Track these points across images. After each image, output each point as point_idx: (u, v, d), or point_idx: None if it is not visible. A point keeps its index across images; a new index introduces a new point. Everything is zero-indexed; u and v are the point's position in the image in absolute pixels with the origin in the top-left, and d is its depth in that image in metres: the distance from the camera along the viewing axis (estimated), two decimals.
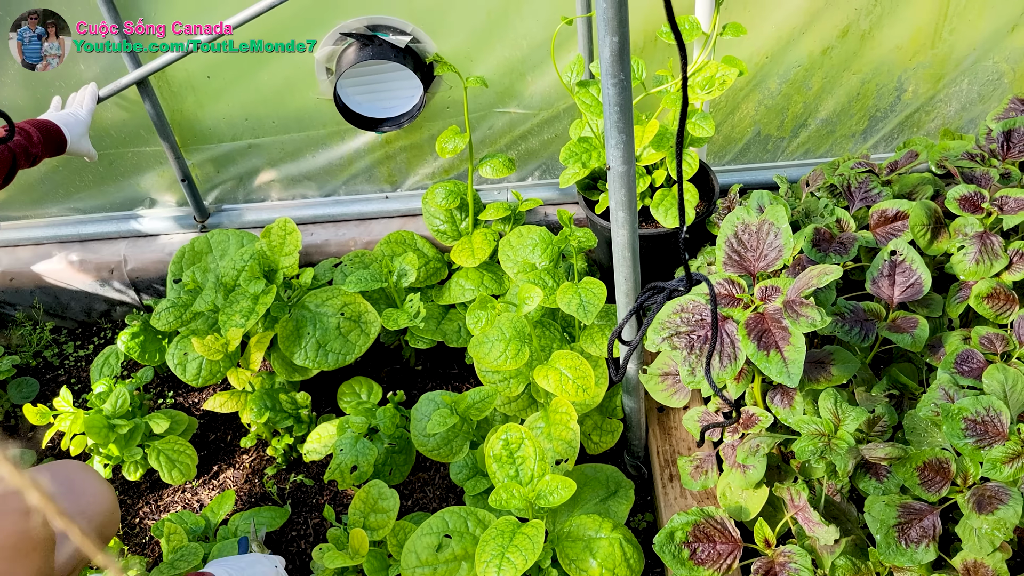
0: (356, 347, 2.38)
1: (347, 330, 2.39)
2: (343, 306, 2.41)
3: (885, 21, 2.50)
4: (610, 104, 1.58)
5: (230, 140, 2.73)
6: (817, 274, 1.71)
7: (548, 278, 2.25)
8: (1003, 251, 1.98)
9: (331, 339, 2.36)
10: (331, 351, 2.36)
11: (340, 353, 2.36)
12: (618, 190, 1.71)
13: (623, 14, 1.45)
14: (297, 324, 2.39)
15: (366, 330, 2.40)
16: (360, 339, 2.39)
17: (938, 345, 1.96)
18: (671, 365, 2.10)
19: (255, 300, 2.29)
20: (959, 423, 1.63)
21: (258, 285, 2.31)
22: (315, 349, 2.36)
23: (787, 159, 2.86)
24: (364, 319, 2.41)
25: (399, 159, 2.83)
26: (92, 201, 2.91)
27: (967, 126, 2.78)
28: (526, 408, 2.27)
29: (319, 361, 2.35)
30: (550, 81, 2.59)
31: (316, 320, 2.39)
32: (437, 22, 2.45)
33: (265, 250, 2.44)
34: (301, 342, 2.36)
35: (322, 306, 2.41)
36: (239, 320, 2.26)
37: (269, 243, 2.46)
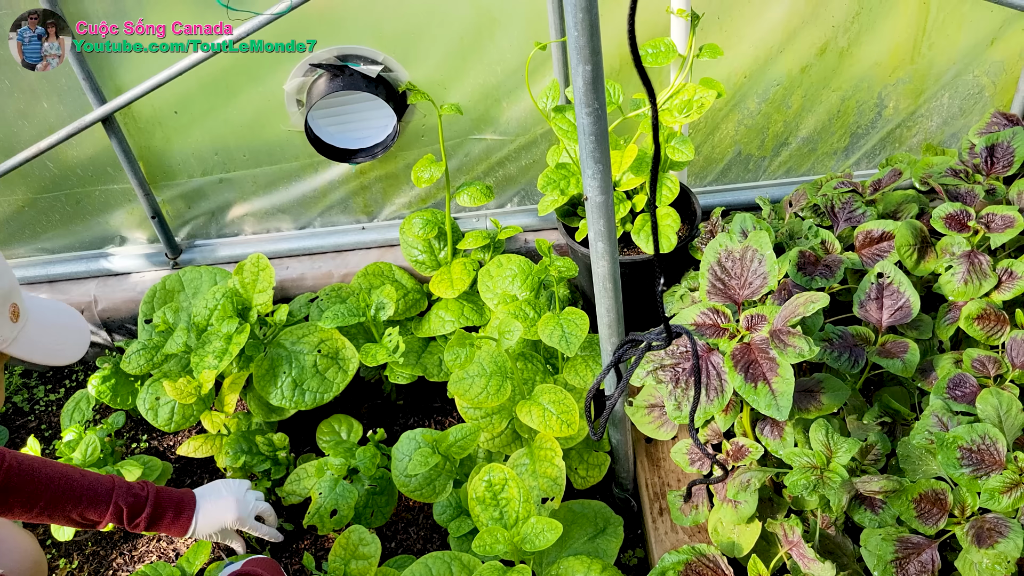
0: (334, 385, 2.31)
1: (324, 368, 2.32)
2: (320, 343, 2.34)
3: (863, 38, 2.47)
4: (585, 134, 1.53)
5: (200, 175, 2.67)
6: (803, 302, 1.66)
7: (529, 309, 2.19)
8: (991, 270, 1.93)
9: (308, 377, 2.29)
10: (308, 390, 2.29)
11: (317, 392, 2.30)
12: (597, 220, 1.66)
13: (595, 43, 1.40)
14: (272, 363, 2.32)
15: (344, 367, 2.34)
16: (338, 376, 2.32)
17: (929, 369, 1.91)
18: (657, 397, 2.05)
19: (228, 340, 2.22)
20: (954, 452, 1.58)
21: (231, 324, 2.24)
22: (291, 388, 2.29)
23: (769, 178, 2.83)
24: (341, 356, 2.35)
25: (375, 189, 2.77)
26: (60, 241, 2.84)
27: (949, 140, 2.75)
28: (510, 444, 2.21)
29: (296, 401, 2.29)
30: (526, 106, 2.55)
31: (292, 358, 2.32)
32: (409, 50, 2.40)
33: (238, 287, 2.38)
34: (277, 381, 2.29)
35: (298, 343, 2.34)
36: (212, 362, 2.19)
37: (242, 280, 2.39)
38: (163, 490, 1.92)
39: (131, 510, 1.83)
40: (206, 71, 2.35)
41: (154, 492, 1.89)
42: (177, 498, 1.93)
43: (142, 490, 1.87)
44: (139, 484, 1.88)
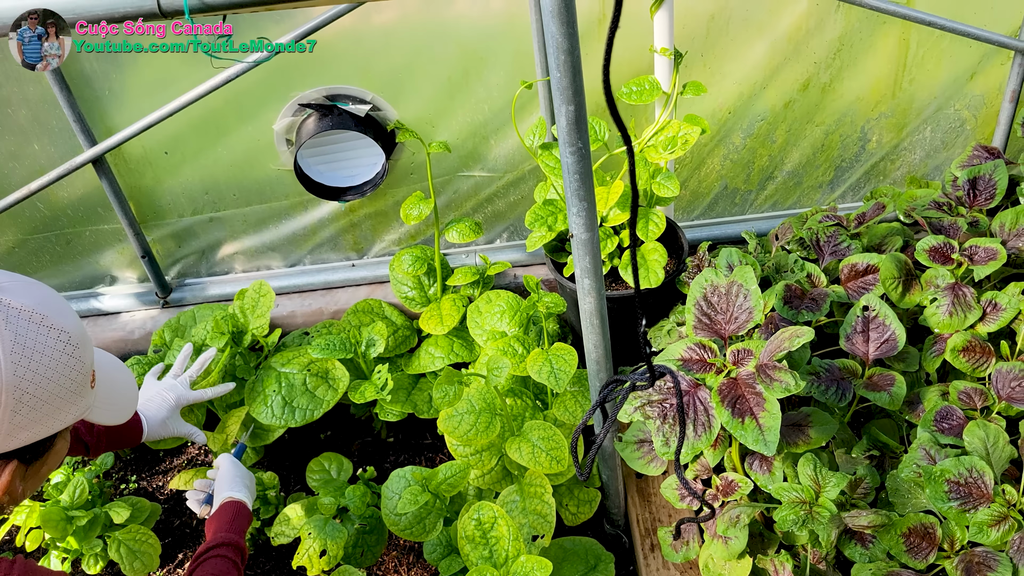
0: (324, 402, 2.31)
1: (314, 386, 2.33)
2: (309, 363, 2.36)
3: (845, 73, 2.50)
4: (570, 172, 1.54)
5: (191, 214, 2.68)
6: (789, 336, 1.67)
7: (518, 345, 2.20)
8: (976, 302, 1.95)
9: (297, 395, 2.31)
10: (298, 407, 2.30)
11: (307, 409, 2.30)
12: (583, 257, 1.67)
13: (578, 83, 1.42)
14: (262, 382, 2.33)
15: (334, 385, 2.35)
16: (328, 394, 2.32)
17: (916, 401, 1.92)
18: (646, 432, 2.04)
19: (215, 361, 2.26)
20: (942, 486, 1.58)
21: (221, 340, 2.26)
22: (281, 406, 2.29)
23: (756, 212, 2.85)
24: (331, 375, 2.36)
25: (364, 226, 2.79)
26: (50, 281, 2.84)
27: (933, 173, 2.78)
28: (500, 480, 2.20)
29: (286, 418, 2.28)
30: (514, 143, 2.57)
31: (282, 378, 2.34)
32: (397, 89, 2.43)
33: (237, 312, 2.41)
34: (267, 399, 2.30)
35: (287, 364, 2.36)
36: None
37: (242, 305, 2.43)
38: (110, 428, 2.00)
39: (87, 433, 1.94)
40: (196, 111, 2.38)
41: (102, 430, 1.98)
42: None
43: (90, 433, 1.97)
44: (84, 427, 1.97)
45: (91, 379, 1.36)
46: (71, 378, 1.28)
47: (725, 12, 2.33)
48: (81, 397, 1.33)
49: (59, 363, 1.25)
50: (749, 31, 2.38)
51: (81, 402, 1.33)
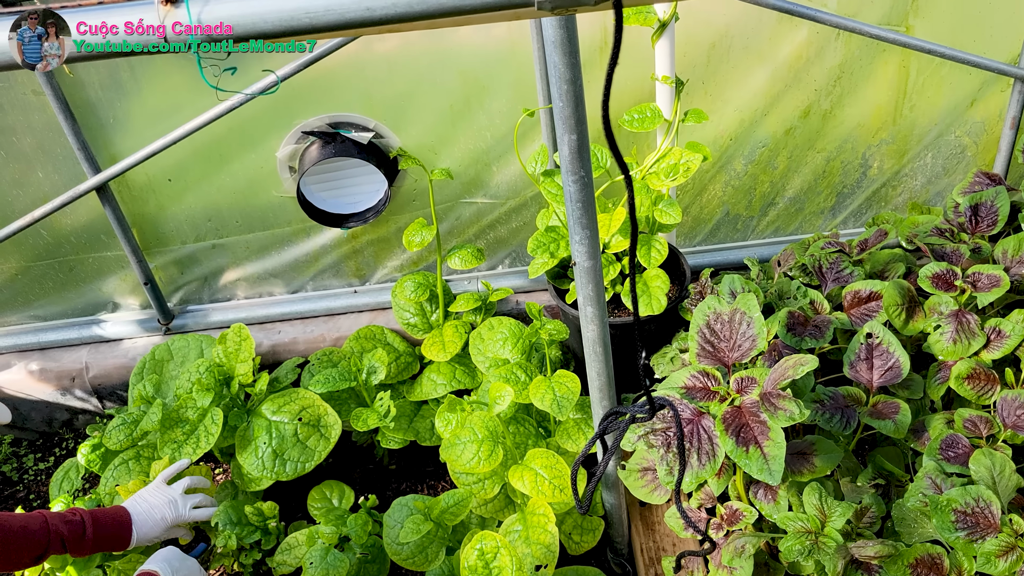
0: (315, 453, 2.27)
1: (305, 436, 2.29)
2: (301, 410, 2.31)
3: (846, 100, 2.51)
4: (572, 201, 1.54)
5: (194, 241, 2.68)
6: (792, 365, 1.66)
7: (520, 372, 2.19)
8: (980, 329, 1.94)
9: (288, 447, 2.26)
10: (289, 460, 2.26)
11: (299, 462, 2.26)
12: (585, 285, 1.67)
13: (580, 113, 1.43)
14: (252, 433, 2.29)
15: (326, 434, 2.30)
16: (320, 444, 2.28)
17: (922, 429, 1.91)
18: (650, 460, 2.03)
19: (202, 415, 2.23)
20: (948, 516, 1.57)
21: (207, 397, 2.23)
22: (272, 459, 2.25)
23: (758, 238, 2.85)
24: (323, 423, 2.31)
25: (367, 253, 2.79)
26: (53, 308, 2.84)
27: (934, 199, 2.79)
28: (503, 509, 2.19)
29: (276, 472, 2.24)
30: (516, 170, 2.58)
31: (272, 428, 2.28)
32: (399, 117, 2.44)
33: (222, 357, 2.36)
34: (257, 451, 2.25)
35: (278, 412, 2.30)
36: (169, 451, 2.22)
37: (225, 349, 2.37)
38: (96, 510, 2.00)
39: (71, 535, 1.89)
40: (199, 139, 2.39)
41: (88, 513, 1.96)
42: (112, 513, 2.01)
43: (74, 515, 1.93)
44: (69, 511, 1.95)
45: None
46: None
47: (726, 40, 2.35)
48: None
49: None
50: (750, 59, 2.39)
51: None
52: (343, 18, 0.95)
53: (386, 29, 0.97)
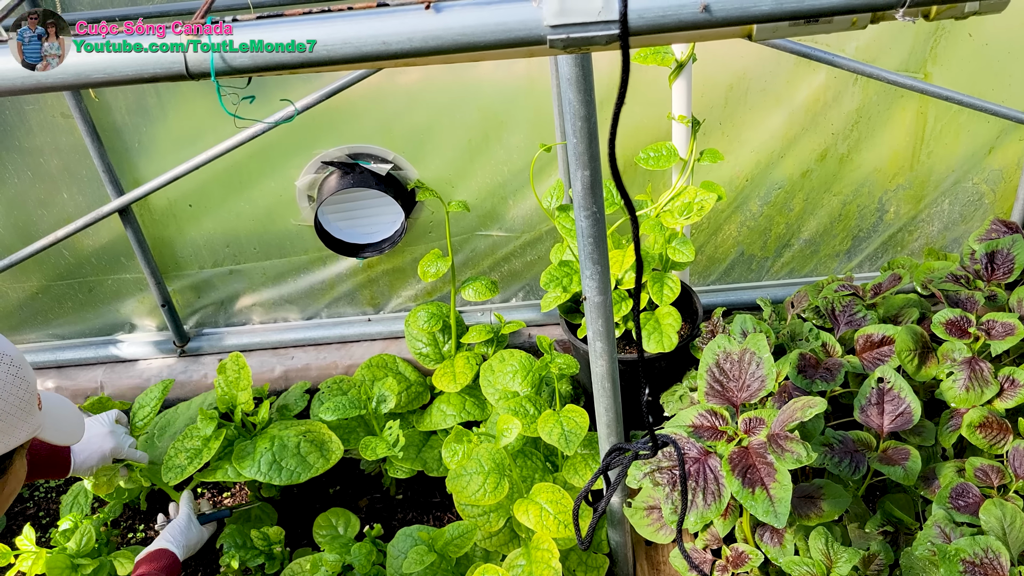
0: (313, 468, 2.24)
1: (307, 452, 2.27)
2: (305, 431, 2.32)
3: (863, 144, 2.52)
4: (584, 236, 1.56)
5: (211, 266, 2.72)
6: (801, 407, 1.65)
7: (529, 405, 2.19)
8: (993, 377, 1.93)
9: (287, 456, 2.24)
10: (285, 468, 2.22)
11: (294, 471, 2.22)
12: (595, 320, 1.68)
13: (594, 149, 1.45)
14: (254, 447, 2.28)
15: (326, 455, 2.27)
16: (319, 462, 2.25)
17: (932, 477, 1.89)
18: (655, 499, 2.02)
19: (205, 442, 2.23)
20: (956, 566, 1.55)
21: (210, 426, 2.24)
22: (269, 464, 2.21)
23: (772, 279, 2.85)
24: (326, 446, 2.30)
25: (381, 282, 2.81)
26: (71, 327, 2.88)
27: (951, 245, 2.78)
28: (507, 543, 2.17)
29: (271, 476, 2.21)
30: (532, 204, 2.60)
31: (275, 439, 2.27)
32: (418, 149, 2.47)
33: (223, 387, 2.36)
34: (256, 456, 2.24)
35: (283, 431, 2.31)
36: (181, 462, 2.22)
37: (226, 379, 2.37)
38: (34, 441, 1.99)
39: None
40: (221, 165, 2.43)
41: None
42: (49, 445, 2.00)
43: None
44: None
45: (37, 400, 1.47)
46: (19, 396, 1.39)
47: (743, 83, 2.37)
48: (30, 415, 1.43)
49: (6, 383, 1.36)
50: (767, 101, 2.41)
51: (31, 420, 1.44)
52: (360, 51, 0.97)
53: (402, 63, 0.99)
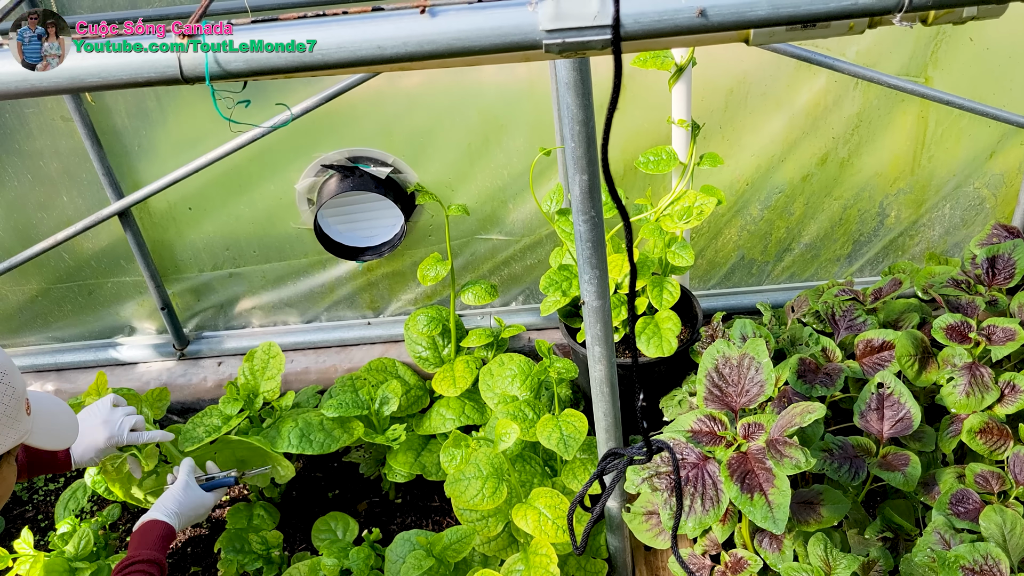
0: (339, 440, 2.33)
1: (331, 428, 2.36)
2: (323, 418, 2.37)
3: (864, 149, 2.52)
4: (582, 240, 1.55)
5: (211, 269, 2.72)
6: (800, 412, 1.65)
7: (528, 410, 2.19)
8: (993, 383, 1.92)
9: (314, 431, 2.33)
10: (315, 440, 2.32)
11: (324, 442, 2.32)
12: (593, 325, 1.67)
13: (592, 153, 1.45)
14: (278, 428, 2.36)
15: (348, 431, 2.36)
16: (343, 436, 2.34)
17: (932, 483, 1.88)
18: (654, 504, 2.01)
19: (225, 420, 2.27)
20: (957, 573, 1.54)
21: (234, 407, 2.27)
22: (299, 437, 2.31)
23: (772, 283, 2.84)
24: (347, 425, 2.38)
25: (381, 285, 2.81)
26: (71, 330, 2.88)
27: (952, 250, 2.77)
28: (506, 548, 2.17)
29: (302, 447, 2.30)
30: (531, 208, 2.60)
31: (299, 419, 2.36)
32: (418, 153, 2.47)
33: (247, 374, 2.41)
34: (283, 432, 2.32)
35: (304, 415, 2.38)
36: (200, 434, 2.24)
37: (252, 367, 2.42)
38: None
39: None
40: (220, 168, 2.43)
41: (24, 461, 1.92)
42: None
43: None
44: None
45: (25, 406, 1.45)
46: (5, 403, 1.37)
47: (743, 87, 2.36)
48: (17, 422, 1.41)
49: None
50: (767, 105, 2.41)
51: (18, 426, 1.42)
52: (355, 56, 0.97)
53: (398, 67, 0.99)
